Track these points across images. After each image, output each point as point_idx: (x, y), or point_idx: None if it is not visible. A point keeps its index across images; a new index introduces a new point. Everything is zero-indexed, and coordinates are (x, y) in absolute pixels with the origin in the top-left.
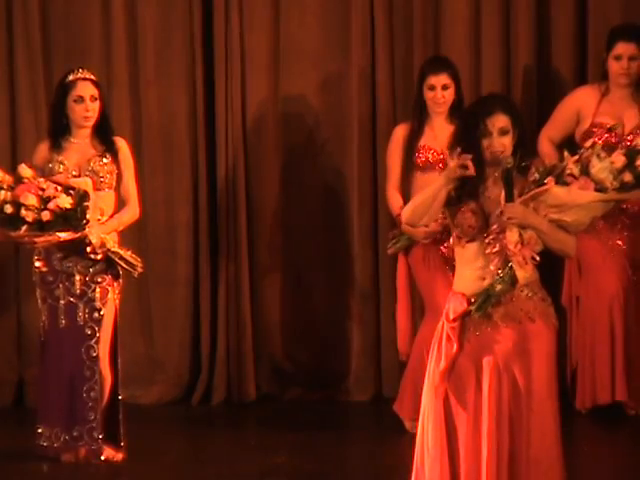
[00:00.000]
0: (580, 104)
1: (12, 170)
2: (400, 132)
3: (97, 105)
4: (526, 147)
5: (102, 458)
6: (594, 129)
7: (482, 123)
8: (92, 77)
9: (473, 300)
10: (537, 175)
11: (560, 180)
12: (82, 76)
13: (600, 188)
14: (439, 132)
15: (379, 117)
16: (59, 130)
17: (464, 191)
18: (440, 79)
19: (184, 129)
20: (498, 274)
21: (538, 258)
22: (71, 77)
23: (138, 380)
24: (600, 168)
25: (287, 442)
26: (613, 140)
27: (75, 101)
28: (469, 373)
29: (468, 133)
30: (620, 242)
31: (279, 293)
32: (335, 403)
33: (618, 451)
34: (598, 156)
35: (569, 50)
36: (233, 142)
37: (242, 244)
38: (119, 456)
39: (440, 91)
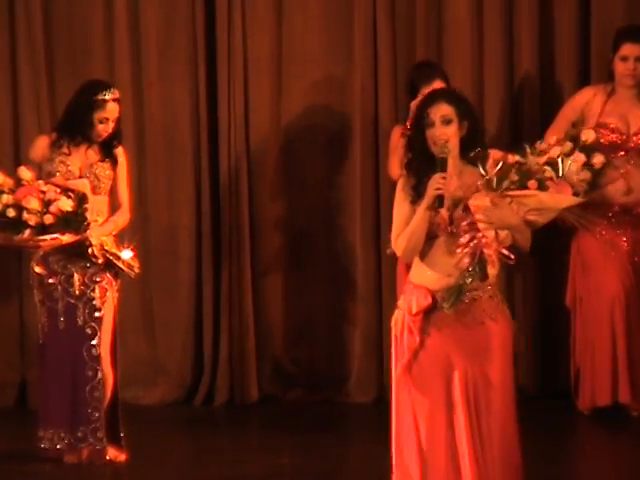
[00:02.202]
0: (585, 104)
1: (14, 169)
2: (398, 133)
3: (115, 123)
4: (478, 139)
5: (107, 458)
6: (599, 129)
7: (425, 114)
8: (119, 96)
9: (442, 296)
10: (516, 176)
11: (542, 185)
12: (113, 97)
13: (576, 192)
14: None
15: (381, 119)
16: (74, 137)
17: (422, 188)
18: (434, 86)
19: (187, 130)
20: (469, 269)
21: (513, 256)
22: (102, 96)
23: (140, 381)
24: (572, 170)
25: (289, 443)
26: (618, 141)
27: (100, 121)
28: (431, 367)
29: (415, 125)
30: (623, 242)
31: (281, 295)
32: (337, 404)
33: (621, 452)
34: (567, 156)
35: (572, 52)
36: (236, 143)
37: (244, 246)
38: (122, 457)
39: None
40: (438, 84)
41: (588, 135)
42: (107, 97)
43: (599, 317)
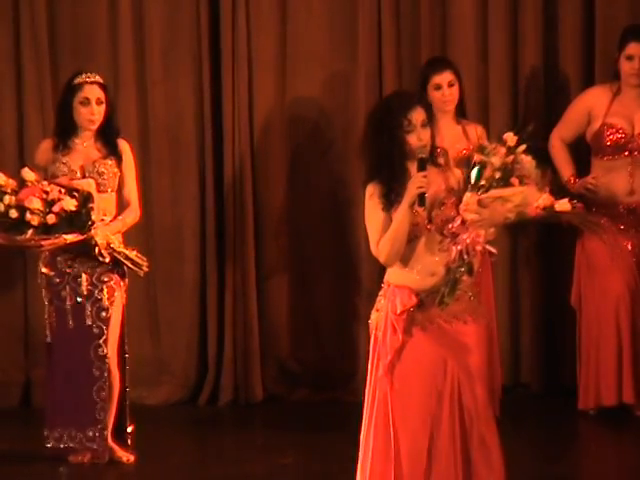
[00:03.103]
0: (591, 104)
1: (18, 170)
2: None
3: (102, 108)
4: (434, 141)
5: (110, 458)
6: (604, 129)
7: (405, 119)
8: (99, 80)
9: (428, 294)
10: (498, 173)
11: (522, 182)
12: (90, 79)
13: (539, 188)
14: (445, 132)
15: None
16: (64, 131)
17: (398, 191)
18: (445, 77)
19: (191, 129)
20: (460, 263)
21: (495, 251)
22: (78, 79)
23: (145, 381)
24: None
25: (294, 443)
26: (622, 141)
27: (81, 103)
28: (418, 366)
29: (390, 131)
30: (627, 243)
31: (286, 294)
32: (342, 404)
33: (625, 452)
34: (519, 155)
35: (576, 50)
36: (240, 143)
37: (249, 245)
38: (131, 458)
39: (447, 89)
40: (449, 75)
41: (512, 139)
42: (83, 79)
43: (604, 317)
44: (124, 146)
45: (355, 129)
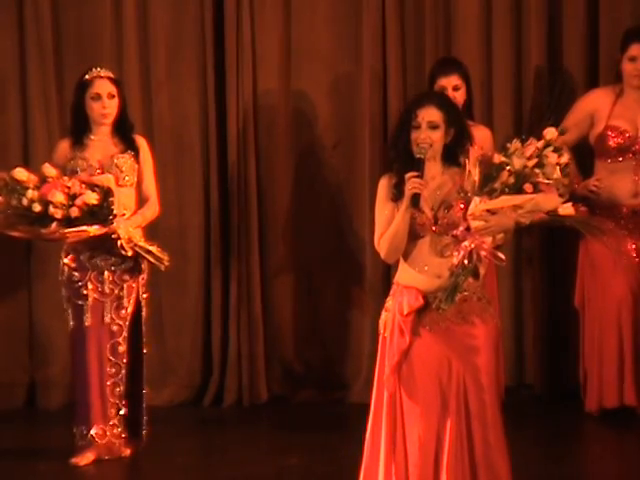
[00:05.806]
0: (594, 106)
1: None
2: None
3: (115, 103)
4: (463, 146)
5: (123, 455)
6: (608, 131)
7: (414, 115)
8: (110, 75)
9: (435, 296)
10: (512, 179)
11: (537, 188)
12: (99, 74)
13: (560, 193)
14: None
15: (390, 118)
16: (80, 128)
17: (403, 186)
18: (451, 80)
19: (195, 130)
20: (462, 267)
21: (504, 257)
22: (89, 75)
23: (149, 382)
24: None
25: (299, 444)
26: (626, 143)
27: (92, 99)
28: (424, 368)
29: (401, 124)
30: (631, 245)
31: (290, 294)
32: (347, 405)
33: (629, 453)
34: (546, 157)
35: (580, 51)
36: (245, 144)
37: (253, 246)
38: (127, 451)
39: (451, 92)
40: (455, 79)
41: (552, 133)
42: (94, 74)
43: (606, 319)
44: (141, 141)
45: (359, 130)
